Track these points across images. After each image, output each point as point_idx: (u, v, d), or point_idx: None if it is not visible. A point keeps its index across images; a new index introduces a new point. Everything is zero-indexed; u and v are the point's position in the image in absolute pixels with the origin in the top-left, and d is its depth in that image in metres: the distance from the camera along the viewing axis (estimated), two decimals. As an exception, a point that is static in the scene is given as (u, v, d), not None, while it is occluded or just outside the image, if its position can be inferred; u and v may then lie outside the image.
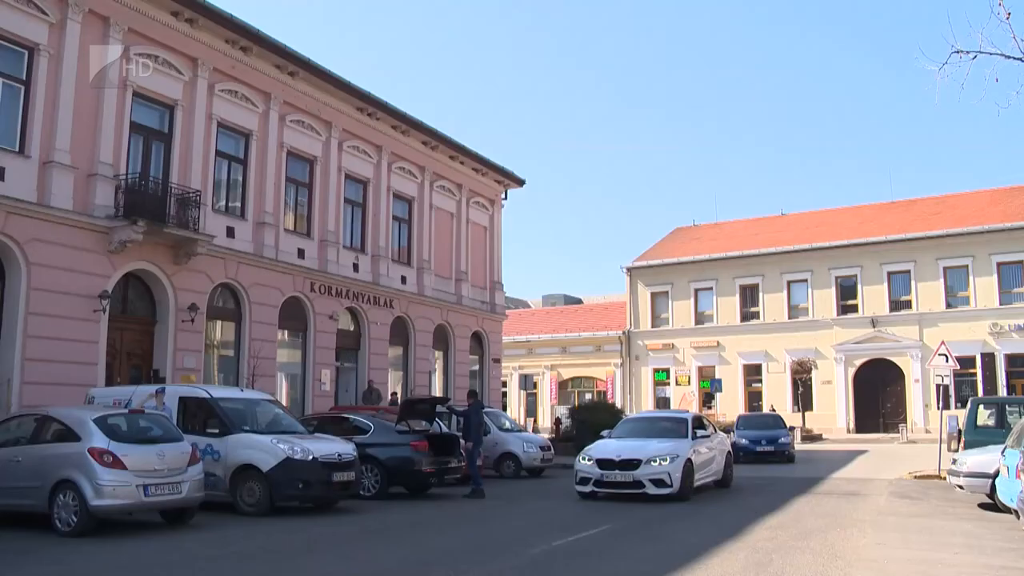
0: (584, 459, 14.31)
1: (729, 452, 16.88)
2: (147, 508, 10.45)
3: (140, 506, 10.25)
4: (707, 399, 40.94)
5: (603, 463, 13.95)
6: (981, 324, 35.14)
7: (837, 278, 39.08)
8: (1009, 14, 9.69)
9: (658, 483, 13.49)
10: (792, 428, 26.47)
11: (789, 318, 39.96)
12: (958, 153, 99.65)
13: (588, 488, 14.06)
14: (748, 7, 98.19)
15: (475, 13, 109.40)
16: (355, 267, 23.57)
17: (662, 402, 42.22)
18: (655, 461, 13.63)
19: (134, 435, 10.66)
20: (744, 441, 24.07)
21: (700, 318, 42.33)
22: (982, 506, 13.03)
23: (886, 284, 37.92)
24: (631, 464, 13.70)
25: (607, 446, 14.60)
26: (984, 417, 17.43)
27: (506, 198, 31.90)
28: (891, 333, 37.24)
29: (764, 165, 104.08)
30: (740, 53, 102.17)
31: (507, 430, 20.81)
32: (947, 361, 18.99)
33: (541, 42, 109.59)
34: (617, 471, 13.75)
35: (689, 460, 14.02)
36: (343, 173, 23.48)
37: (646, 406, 41.76)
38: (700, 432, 15.18)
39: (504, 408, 36.36)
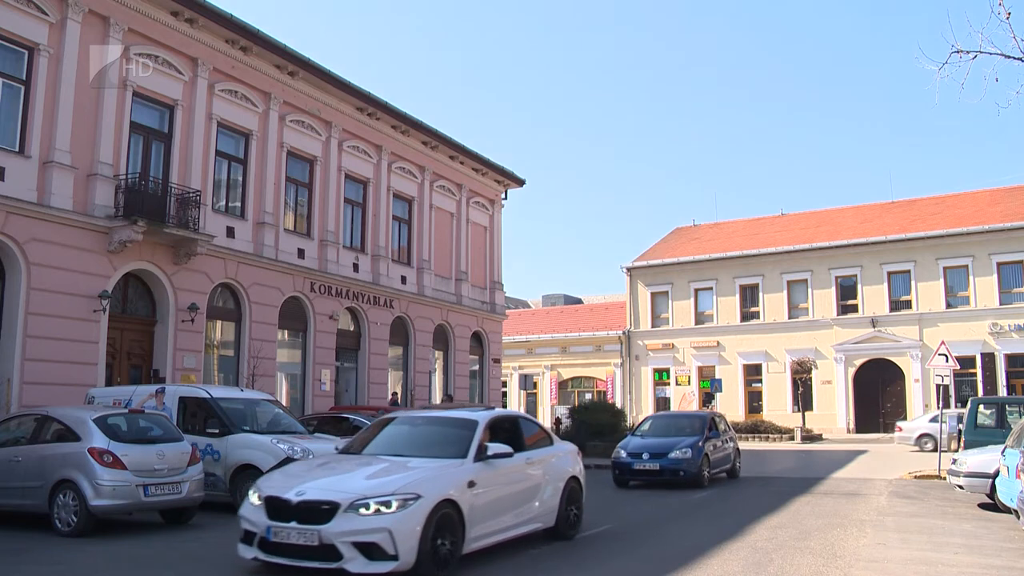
0: (253, 496, 7.85)
1: (575, 479, 10.12)
2: (147, 508, 10.45)
3: (140, 506, 10.26)
4: (707, 399, 40.97)
5: (276, 506, 7.50)
6: (981, 324, 35.13)
7: (837, 278, 39.06)
8: (1009, 14, 9.68)
9: (368, 550, 7.16)
10: (718, 435, 17.72)
11: (789, 318, 39.94)
12: (958, 153, 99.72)
13: (251, 551, 7.61)
14: (748, 7, 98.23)
15: (475, 13, 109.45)
16: (355, 267, 23.58)
17: (662, 402, 42.22)
18: (365, 507, 7.23)
19: (134, 435, 10.66)
20: (623, 454, 16.74)
21: (700, 318, 42.32)
22: (982, 506, 13.03)
23: (886, 284, 37.91)
24: (318, 512, 7.28)
25: (296, 474, 8.20)
26: (984, 417, 17.43)
27: (506, 198, 31.95)
28: (891, 333, 37.23)
29: (764, 165, 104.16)
30: (740, 53, 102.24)
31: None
32: (947, 361, 18.98)
33: (541, 41, 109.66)
34: (294, 524, 7.29)
35: (450, 503, 7.65)
36: (343, 173, 23.49)
37: (646, 406, 41.78)
38: (496, 449, 8.50)
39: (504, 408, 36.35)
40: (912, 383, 36.50)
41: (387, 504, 7.25)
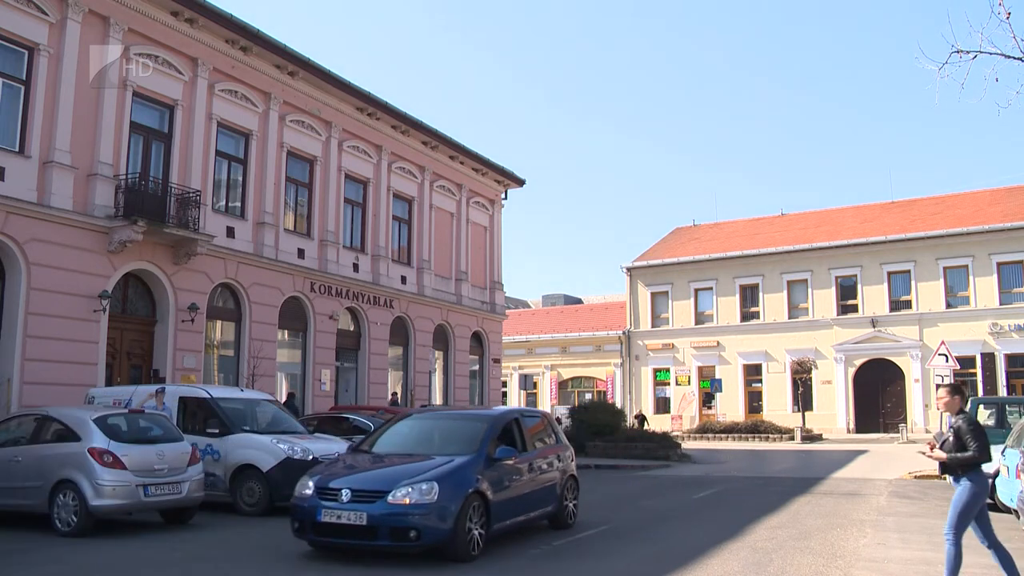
0: None
1: None
2: (147, 508, 10.45)
3: (140, 506, 10.25)
4: (707, 399, 40.97)
5: None
6: (981, 324, 35.14)
7: (837, 278, 39.07)
8: (1009, 14, 9.67)
9: None
10: (519, 453, 9.73)
11: (789, 318, 39.95)
12: (958, 153, 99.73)
13: None
14: (749, 7, 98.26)
15: (475, 13, 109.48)
16: (355, 267, 23.58)
17: (662, 402, 42.25)
18: None
19: (134, 435, 10.66)
20: (308, 487, 8.63)
21: (700, 318, 42.32)
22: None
23: (886, 284, 37.92)
24: None
25: None
26: (984, 417, 17.41)
27: (506, 198, 31.96)
28: (891, 333, 37.24)
29: (764, 165, 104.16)
30: (740, 53, 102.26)
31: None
32: (947, 361, 19.02)
33: (540, 41, 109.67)
34: None
35: None
36: (343, 173, 23.49)
37: (646, 406, 41.78)
38: None
39: (504, 408, 36.34)
40: (912, 383, 36.51)
41: None
